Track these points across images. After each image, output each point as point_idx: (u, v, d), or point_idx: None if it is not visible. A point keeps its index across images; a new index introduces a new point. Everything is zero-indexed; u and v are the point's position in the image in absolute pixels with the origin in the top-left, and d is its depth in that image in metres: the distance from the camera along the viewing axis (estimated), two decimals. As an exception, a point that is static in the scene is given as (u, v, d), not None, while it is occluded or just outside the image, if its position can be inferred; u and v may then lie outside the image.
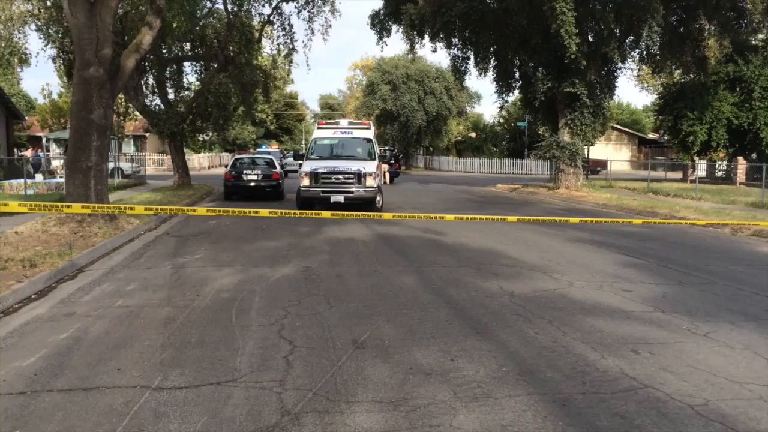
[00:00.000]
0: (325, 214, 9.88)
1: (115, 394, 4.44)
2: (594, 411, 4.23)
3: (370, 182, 17.20)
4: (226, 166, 26.57)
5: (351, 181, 17.18)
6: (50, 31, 23.06)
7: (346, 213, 11.44)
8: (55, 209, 6.71)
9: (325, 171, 17.35)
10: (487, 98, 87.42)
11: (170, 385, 4.63)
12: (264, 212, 7.74)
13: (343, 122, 20.93)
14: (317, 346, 5.54)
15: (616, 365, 5.11)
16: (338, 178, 17.26)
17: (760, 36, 33.92)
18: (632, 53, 28.49)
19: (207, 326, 6.16)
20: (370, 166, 17.56)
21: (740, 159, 34.66)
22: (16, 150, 31.19)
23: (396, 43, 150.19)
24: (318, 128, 20.89)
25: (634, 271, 9.38)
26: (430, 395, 4.45)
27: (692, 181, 31.32)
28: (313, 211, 14.35)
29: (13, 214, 14.62)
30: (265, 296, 7.48)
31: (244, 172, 22.08)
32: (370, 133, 19.38)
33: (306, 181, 17.37)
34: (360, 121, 22.12)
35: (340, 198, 16.85)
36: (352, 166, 17.45)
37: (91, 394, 4.45)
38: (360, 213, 11.72)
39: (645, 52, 28.31)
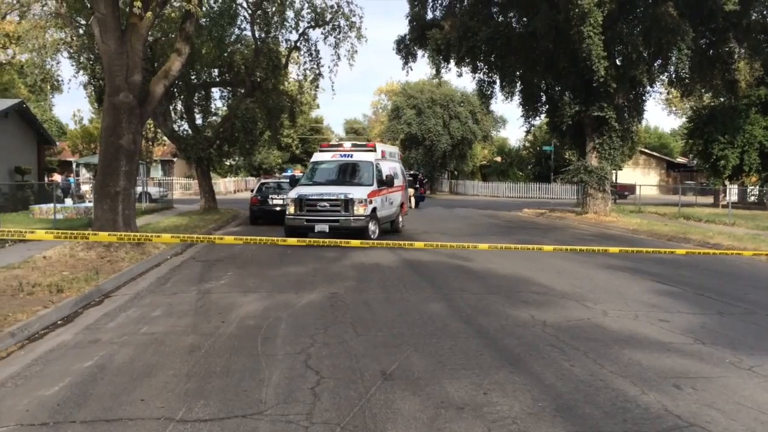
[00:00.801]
0: (354, 241, 9.74)
1: (138, 427, 4.32)
2: (638, 452, 3.99)
3: (360, 210, 15.46)
4: (252, 191, 26.68)
5: (337, 208, 15.58)
6: (82, 58, 23.50)
7: (376, 241, 11.27)
8: (81, 237, 6.67)
9: (310, 198, 15.82)
10: (512, 122, 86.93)
11: (194, 417, 4.49)
12: (292, 241, 7.64)
13: (347, 144, 18.93)
14: (345, 377, 5.38)
15: (658, 401, 4.87)
16: (324, 206, 15.69)
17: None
18: (661, 77, 28.13)
19: (232, 355, 6.04)
20: (360, 192, 15.80)
21: (773, 183, 33.97)
22: (46, 175, 31.74)
23: (421, 68, 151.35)
24: (318, 151, 19.43)
25: (670, 299, 9.07)
26: (463, 432, 4.26)
27: (724, 206, 30.71)
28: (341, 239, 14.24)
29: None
30: (291, 323, 7.35)
31: (270, 196, 22.12)
32: (372, 156, 17.54)
33: (291, 209, 15.97)
34: (364, 142, 20.03)
35: (325, 227, 15.30)
36: (341, 191, 15.88)
37: (114, 426, 4.33)
38: (391, 242, 11.53)
39: (674, 75, 27.97)
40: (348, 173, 17.52)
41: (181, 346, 6.33)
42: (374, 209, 16.07)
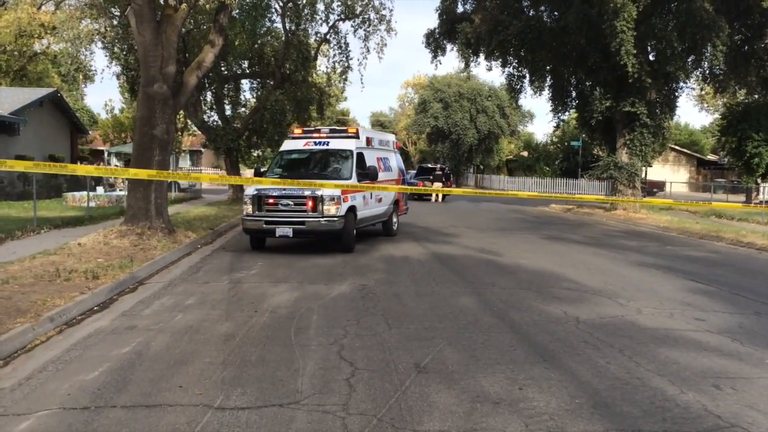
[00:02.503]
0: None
1: (177, 413, 4.38)
2: (679, 451, 3.94)
3: (331, 209, 12.70)
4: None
5: (303, 207, 12.81)
6: (115, 49, 23.82)
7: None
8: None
9: (270, 194, 12.98)
10: (539, 117, 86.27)
11: (232, 405, 4.54)
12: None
13: (324, 130, 15.37)
14: (379, 369, 5.39)
15: (698, 401, 4.80)
16: (287, 204, 12.92)
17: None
18: (694, 72, 27.65)
19: (266, 344, 6.09)
20: (332, 188, 12.89)
21: (808, 182, 33.23)
22: (79, 163, 32.23)
23: (448, 62, 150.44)
24: (288, 138, 16.31)
25: (705, 298, 8.93)
26: (500, 427, 4.24)
27: (756, 204, 30.12)
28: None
29: (75, 225, 15.02)
30: (323, 314, 7.38)
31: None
32: (353, 144, 14.40)
33: (249, 208, 13.09)
34: (344, 128, 16.91)
35: (288, 230, 12.74)
36: (308, 187, 12.75)
37: (154, 412, 4.39)
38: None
39: (708, 71, 27.48)
40: (321, 164, 14.57)
41: (215, 335, 6.40)
42: (352, 208, 13.40)
